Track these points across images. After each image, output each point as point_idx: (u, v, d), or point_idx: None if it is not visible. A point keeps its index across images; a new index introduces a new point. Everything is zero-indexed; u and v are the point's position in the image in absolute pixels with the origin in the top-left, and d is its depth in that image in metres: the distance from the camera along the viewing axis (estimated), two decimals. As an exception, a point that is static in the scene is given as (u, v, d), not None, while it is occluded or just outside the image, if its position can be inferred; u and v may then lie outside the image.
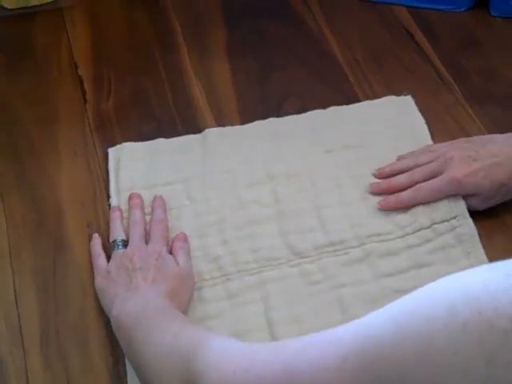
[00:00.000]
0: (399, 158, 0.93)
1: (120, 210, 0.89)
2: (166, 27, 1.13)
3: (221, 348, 0.62)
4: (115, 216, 0.88)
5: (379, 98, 1.02)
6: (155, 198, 0.90)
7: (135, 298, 0.76)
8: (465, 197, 0.88)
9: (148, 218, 0.88)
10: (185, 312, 0.79)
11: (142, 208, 0.89)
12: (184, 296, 0.80)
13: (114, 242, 0.85)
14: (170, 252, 0.84)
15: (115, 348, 0.79)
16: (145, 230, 0.86)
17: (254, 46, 1.11)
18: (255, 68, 1.07)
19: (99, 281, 0.82)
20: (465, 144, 0.90)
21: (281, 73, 1.07)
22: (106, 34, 1.12)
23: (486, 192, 0.86)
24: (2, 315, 0.82)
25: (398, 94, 1.02)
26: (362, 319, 0.47)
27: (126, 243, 0.85)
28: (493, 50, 1.09)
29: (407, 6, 1.15)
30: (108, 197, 0.92)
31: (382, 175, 0.91)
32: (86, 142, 0.98)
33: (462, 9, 1.14)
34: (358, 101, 1.02)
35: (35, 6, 1.14)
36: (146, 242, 0.84)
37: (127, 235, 0.86)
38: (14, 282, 0.85)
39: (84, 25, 1.13)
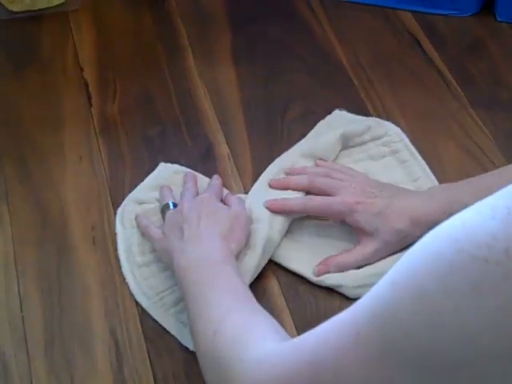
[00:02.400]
0: (317, 164, 0.92)
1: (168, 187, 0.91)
2: (171, 31, 1.14)
3: (256, 357, 0.61)
4: (164, 187, 0.90)
5: (384, 102, 1.02)
6: (213, 177, 0.92)
7: (190, 248, 0.77)
8: (363, 238, 0.84)
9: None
10: (243, 246, 0.81)
11: (195, 183, 0.91)
12: (240, 232, 0.81)
13: (164, 205, 0.87)
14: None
15: (119, 352, 0.79)
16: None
17: (258, 49, 1.11)
18: (260, 72, 1.08)
19: (157, 244, 0.84)
20: (373, 187, 0.85)
21: (285, 76, 1.07)
22: (111, 38, 1.12)
23: (381, 234, 0.82)
24: (6, 318, 0.82)
25: (402, 98, 1.02)
26: (368, 293, 0.50)
27: (176, 206, 0.86)
28: (498, 55, 1.09)
29: (412, 11, 1.15)
30: (112, 201, 0.92)
31: (293, 173, 0.90)
32: (90, 145, 0.98)
33: (468, 14, 1.14)
34: (363, 105, 1.02)
35: (41, 10, 1.14)
36: None
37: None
38: (18, 286, 0.85)
39: (89, 29, 1.13)
